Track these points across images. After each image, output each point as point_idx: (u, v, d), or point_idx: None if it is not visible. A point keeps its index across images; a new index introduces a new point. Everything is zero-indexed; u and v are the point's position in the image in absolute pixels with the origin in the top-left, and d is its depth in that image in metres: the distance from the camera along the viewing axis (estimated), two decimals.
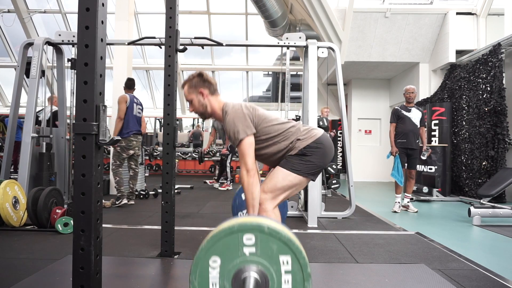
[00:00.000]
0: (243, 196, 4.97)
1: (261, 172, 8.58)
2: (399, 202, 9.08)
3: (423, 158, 10.07)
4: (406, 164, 9.09)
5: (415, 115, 9.03)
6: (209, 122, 18.05)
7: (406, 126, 8.97)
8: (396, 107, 9.27)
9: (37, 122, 8.67)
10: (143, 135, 9.42)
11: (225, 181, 13.08)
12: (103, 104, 2.35)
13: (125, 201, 8.70)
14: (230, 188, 12.99)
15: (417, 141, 9.10)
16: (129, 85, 9.01)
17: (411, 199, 9.57)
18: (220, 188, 12.84)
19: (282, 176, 3.68)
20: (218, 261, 2.39)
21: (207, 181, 14.03)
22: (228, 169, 13.15)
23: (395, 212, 8.92)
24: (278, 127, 3.79)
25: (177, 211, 5.13)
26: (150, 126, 21.25)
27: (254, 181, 3.51)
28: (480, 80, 11.41)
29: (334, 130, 10.35)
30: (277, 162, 3.87)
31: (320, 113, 12.97)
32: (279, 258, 2.36)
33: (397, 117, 9.10)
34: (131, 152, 8.76)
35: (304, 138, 3.75)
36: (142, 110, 9.04)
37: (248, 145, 3.58)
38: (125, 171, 9.34)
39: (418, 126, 9.06)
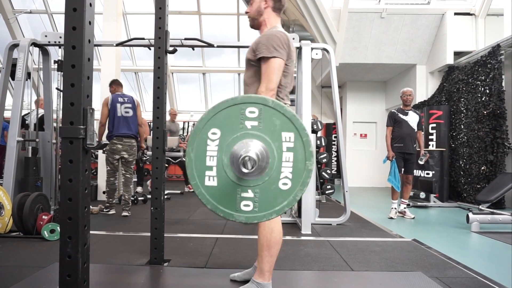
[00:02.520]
0: None
1: None
2: (395, 208, 9.06)
3: (421, 163, 10.18)
4: (403, 169, 9.08)
5: (412, 119, 9.02)
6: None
7: (403, 130, 8.97)
8: (392, 110, 9.27)
9: (24, 125, 8.66)
10: (144, 139, 9.34)
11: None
12: (91, 107, 2.35)
13: (112, 211, 8.67)
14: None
15: (414, 145, 9.08)
16: (113, 82, 8.99)
17: (408, 205, 9.59)
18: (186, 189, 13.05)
19: None
20: (218, 133, 2.41)
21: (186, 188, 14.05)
22: None
23: (391, 218, 8.92)
24: (282, 81, 3.65)
25: (167, 217, 5.13)
26: None
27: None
28: (479, 82, 11.44)
29: (425, 153, 10.22)
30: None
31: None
32: (281, 134, 2.39)
33: (394, 121, 9.09)
34: (116, 156, 8.61)
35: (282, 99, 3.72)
36: (132, 108, 8.80)
37: (278, 66, 3.44)
38: (117, 182, 9.20)
39: (416, 130, 9.05)
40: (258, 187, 2.43)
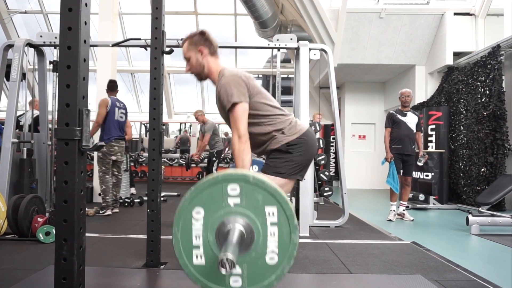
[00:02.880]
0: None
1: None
2: (394, 210, 9.06)
3: (420, 164, 10.10)
4: (401, 171, 9.07)
5: (411, 120, 9.00)
6: (197, 127, 18.06)
7: (402, 131, 8.96)
8: (391, 111, 9.26)
9: (18, 127, 8.65)
10: (127, 140, 9.42)
11: None
12: (86, 108, 2.35)
13: (109, 212, 8.68)
14: None
15: (413, 146, 9.06)
16: (111, 87, 8.99)
17: (407, 207, 9.57)
18: None
19: None
20: (202, 212, 2.42)
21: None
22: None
23: (390, 220, 8.92)
24: (270, 108, 3.73)
25: (163, 219, 5.11)
26: (136, 131, 21.18)
27: (246, 148, 3.47)
28: (479, 83, 11.44)
29: (423, 154, 10.20)
30: (255, 146, 3.82)
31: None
32: (264, 209, 2.39)
33: (392, 122, 9.07)
34: (113, 158, 8.75)
35: (290, 134, 3.71)
36: (125, 114, 8.99)
37: (242, 110, 3.51)
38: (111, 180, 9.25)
39: (414, 131, 9.02)
40: (246, 263, 2.44)
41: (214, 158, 12.62)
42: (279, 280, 2.41)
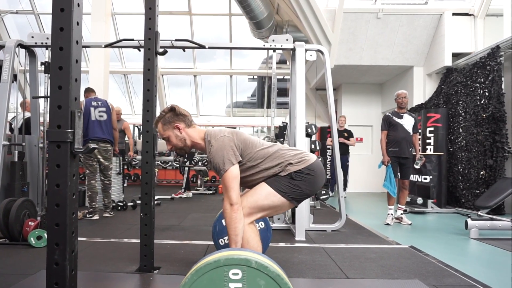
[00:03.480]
0: (223, 222, 4.95)
1: None
2: (392, 214, 9.06)
3: (417, 167, 10.13)
4: (398, 174, 9.08)
5: (407, 122, 9.01)
6: None
7: (398, 134, 8.98)
8: (387, 114, 9.26)
9: (11, 129, 8.64)
10: (130, 143, 9.38)
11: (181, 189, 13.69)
12: (79, 110, 2.35)
13: (96, 216, 8.68)
14: (184, 196, 13.41)
15: (410, 149, 9.07)
16: (84, 90, 9.01)
17: (405, 210, 9.57)
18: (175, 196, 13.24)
19: (265, 194, 3.69)
20: None
21: (173, 195, 14.05)
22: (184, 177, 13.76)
23: (388, 224, 8.91)
24: (264, 152, 3.79)
25: (157, 223, 5.13)
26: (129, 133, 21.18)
27: (238, 216, 3.49)
28: (478, 84, 11.44)
29: (420, 157, 10.14)
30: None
31: (338, 123, 13.34)
32: None
33: (389, 124, 9.08)
34: (94, 163, 8.78)
35: (297, 163, 3.75)
36: (107, 112, 8.86)
37: (233, 178, 3.56)
38: (99, 185, 9.22)
39: (411, 133, 9.03)
40: None
41: (185, 160, 12.74)
42: None
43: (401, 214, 9.20)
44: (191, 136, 3.90)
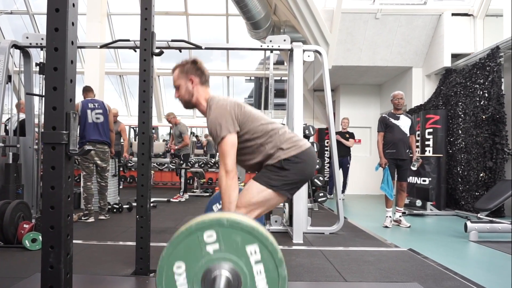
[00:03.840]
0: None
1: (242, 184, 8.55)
2: (390, 217, 9.04)
3: (413, 168, 10.12)
4: (396, 176, 9.09)
5: (404, 123, 9.00)
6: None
7: (395, 135, 8.99)
8: (383, 115, 9.28)
9: (5, 131, 8.64)
10: (125, 144, 9.38)
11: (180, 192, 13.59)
12: (74, 111, 2.35)
13: (91, 219, 8.67)
14: (183, 199, 13.33)
15: (408, 150, 9.06)
16: (83, 89, 9.00)
17: (403, 213, 9.56)
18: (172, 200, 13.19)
19: (257, 191, 3.67)
20: (183, 266, 2.40)
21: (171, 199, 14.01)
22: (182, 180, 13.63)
23: (386, 227, 8.92)
24: (263, 128, 3.75)
25: (153, 226, 5.11)
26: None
27: (233, 184, 3.49)
28: (477, 85, 11.43)
29: (417, 158, 10.11)
30: (254, 167, 3.88)
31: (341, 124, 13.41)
32: (245, 249, 2.38)
33: (385, 126, 9.10)
34: (91, 165, 8.76)
35: (288, 149, 3.71)
36: (103, 114, 8.82)
37: (230, 145, 3.54)
38: (94, 187, 9.20)
39: (408, 134, 9.02)
40: None
41: (181, 162, 12.73)
42: None
43: (400, 216, 9.20)
44: (199, 95, 3.90)
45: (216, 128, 3.55)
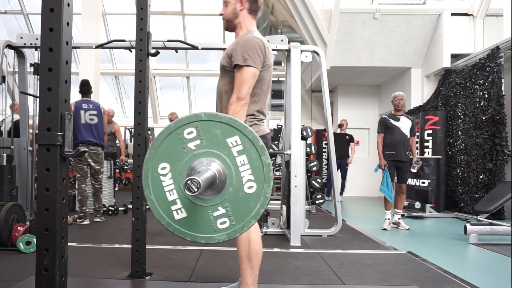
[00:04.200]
0: None
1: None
2: (389, 219, 9.04)
3: (413, 171, 10.18)
4: (396, 178, 9.07)
5: (404, 124, 9.01)
6: None
7: (395, 137, 8.98)
8: (383, 116, 9.26)
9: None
10: (121, 146, 9.38)
11: None
12: (69, 112, 2.35)
13: (86, 222, 8.65)
14: None
15: (407, 152, 9.04)
16: (83, 90, 8.88)
17: (402, 215, 9.57)
18: None
19: None
20: (167, 166, 2.43)
21: None
22: None
23: (385, 229, 8.91)
24: (262, 90, 3.73)
25: (149, 228, 5.11)
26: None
27: (241, 111, 3.45)
28: (477, 86, 11.45)
29: (417, 160, 10.14)
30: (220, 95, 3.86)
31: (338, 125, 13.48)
32: (227, 142, 2.40)
33: (385, 127, 9.08)
34: (85, 166, 8.74)
35: (259, 128, 3.71)
36: (98, 115, 8.79)
37: (252, 75, 3.50)
38: (89, 189, 9.17)
39: (408, 136, 9.00)
40: (227, 201, 2.44)
41: None
42: (265, 206, 2.40)
43: (399, 219, 9.20)
44: (243, 19, 3.86)
45: (246, 52, 3.50)
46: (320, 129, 17.71)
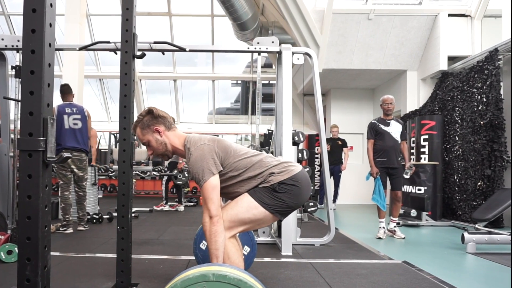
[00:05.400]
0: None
1: None
2: (383, 228, 9.02)
3: (406, 177, 10.16)
4: (390, 185, 9.05)
5: (394, 129, 9.01)
6: None
7: (386, 142, 8.94)
8: (373, 121, 9.21)
9: None
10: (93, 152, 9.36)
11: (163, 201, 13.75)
12: (52, 117, 2.35)
13: (70, 230, 8.63)
14: (165, 208, 13.44)
15: (399, 158, 8.98)
16: (62, 91, 8.91)
17: (398, 223, 9.53)
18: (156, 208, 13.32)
19: (247, 207, 3.65)
20: None
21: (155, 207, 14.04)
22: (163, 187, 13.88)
23: (379, 238, 8.89)
24: (247, 161, 3.76)
25: (134, 237, 5.11)
26: (104, 141, 21.15)
27: (218, 229, 3.46)
28: (475, 90, 11.47)
29: (410, 166, 9.88)
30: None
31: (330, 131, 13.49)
32: None
33: (375, 132, 9.10)
34: (68, 173, 8.71)
35: (280, 173, 3.71)
36: (82, 119, 8.77)
37: (212, 188, 3.53)
38: (72, 197, 9.15)
39: (399, 141, 8.96)
40: None
41: (167, 170, 12.82)
42: None
43: (394, 227, 9.15)
44: (172, 141, 3.88)
45: (197, 172, 3.56)
46: (312, 134, 17.76)
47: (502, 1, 11.99)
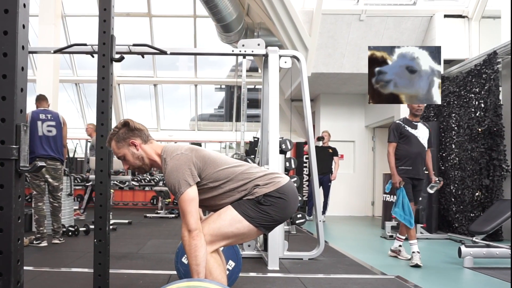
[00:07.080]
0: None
1: None
2: (418, 252, 7.81)
3: (431, 191, 9.16)
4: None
5: (422, 134, 8.16)
6: None
7: (412, 148, 8.04)
8: (397, 122, 8.28)
9: None
10: (68, 159, 9.32)
11: None
12: (25, 124, 2.35)
13: (44, 243, 8.61)
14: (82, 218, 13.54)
15: (424, 168, 8.45)
16: (36, 98, 8.91)
17: (405, 239, 8.81)
18: None
19: (230, 220, 3.66)
20: None
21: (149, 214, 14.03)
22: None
23: (417, 265, 7.57)
24: (229, 172, 3.77)
25: (112, 250, 5.10)
26: (81, 149, 21.11)
27: (198, 243, 3.47)
28: (473, 95, 11.48)
29: (438, 180, 8.93)
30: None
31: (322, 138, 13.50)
32: None
33: (400, 135, 8.13)
34: (42, 183, 8.68)
35: (265, 185, 3.72)
36: (57, 127, 8.76)
37: (190, 201, 3.54)
38: (47, 208, 9.10)
39: (426, 148, 8.23)
40: None
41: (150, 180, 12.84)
42: None
43: (400, 246, 8.59)
44: (149, 154, 3.88)
45: (174, 183, 3.56)
46: (300, 141, 17.78)
47: (501, 2, 12.03)
